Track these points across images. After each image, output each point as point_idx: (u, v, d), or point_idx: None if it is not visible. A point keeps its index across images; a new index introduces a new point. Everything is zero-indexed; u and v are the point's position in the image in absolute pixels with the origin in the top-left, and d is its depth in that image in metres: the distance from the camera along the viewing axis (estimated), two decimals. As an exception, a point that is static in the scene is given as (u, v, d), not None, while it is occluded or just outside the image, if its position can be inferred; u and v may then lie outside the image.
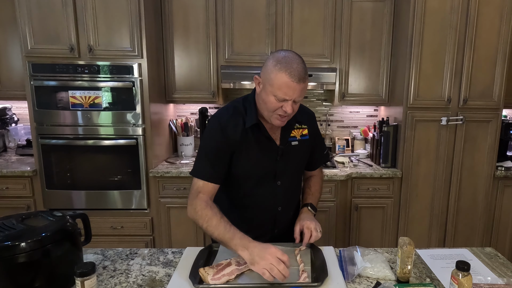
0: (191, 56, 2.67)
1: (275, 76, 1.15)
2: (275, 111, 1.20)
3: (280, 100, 1.17)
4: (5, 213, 1.31)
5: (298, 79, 1.15)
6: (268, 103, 1.19)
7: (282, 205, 1.39)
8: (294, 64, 1.16)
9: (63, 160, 2.44)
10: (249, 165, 1.31)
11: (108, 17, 2.31)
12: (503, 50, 2.41)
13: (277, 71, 1.15)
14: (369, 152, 2.93)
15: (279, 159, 1.33)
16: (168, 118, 2.88)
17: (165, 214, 2.54)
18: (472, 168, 2.55)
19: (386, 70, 2.72)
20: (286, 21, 2.63)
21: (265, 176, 1.34)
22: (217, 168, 1.28)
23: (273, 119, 1.23)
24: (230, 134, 1.27)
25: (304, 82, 1.18)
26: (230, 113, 1.31)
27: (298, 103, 1.23)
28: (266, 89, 1.19)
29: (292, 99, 1.17)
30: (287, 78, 1.14)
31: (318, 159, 1.53)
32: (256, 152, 1.30)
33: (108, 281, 1.13)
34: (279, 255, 1.06)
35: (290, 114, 1.22)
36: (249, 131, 1.29)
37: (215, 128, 1.29)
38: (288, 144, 1.35)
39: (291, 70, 1.14)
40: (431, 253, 1.33)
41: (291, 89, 1.15)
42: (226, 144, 1.27)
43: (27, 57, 2.34)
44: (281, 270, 1.04)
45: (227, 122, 1.28)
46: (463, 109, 2.49)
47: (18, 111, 3.00)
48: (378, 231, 2.64)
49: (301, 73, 1.16)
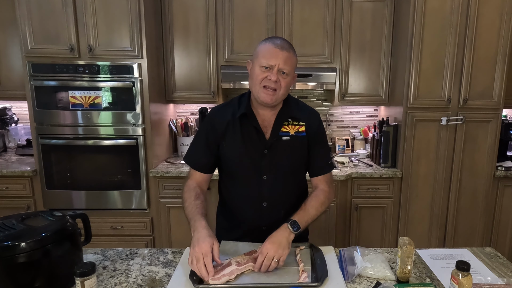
0: (191, 56, 2.67)
1: (260, 48, 1.27)
2: (261, 83, 1.24)
3: (266, 69, 1.23)
4: (5, 213, 1.31)
5: (281, 47, 1.24)
6: (254, 76, 1.26)
7: (267, 201, 1.34)
8: (278, 39, 1.27)
9: (63, 160, 2.44)
10: (234, 155, 1.33)
11: (108, 17, 2.31)
12: (503, 50, 2.41)
13: (262, 44, 1.27)
14: (369, 152, 2.93)
15: (267, 153, 1.31)
16: (168, 118, 2.88)
17: (165, 214, 2.54)
18: (472, 168, 2.55)
19: (386, 70, 2.72)
20: (286, 21, 2.63)
21: (250, 169, 1.32)
22: (204, 158, 1.37)
23: (260, 92, 1.26)
24: (217, 124, 1.34)
25: (288, 52, 1.25)
26: (223, 105, 1.41)
27: (286, 78, 1.25)
28: (253, 65, 1.28)
29: (276, 66, 1.22)
30: (270, 45, 1.24)
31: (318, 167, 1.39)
32: (242, 143, 1.31)
33: (108, 281, 1.13)
34: (204, 253, 1.07)
35: (277, 87, 1.24)
36: (238, 122, 1.32)
37: (206, 118, 1.39)
38: (278, 138, 1.32)
39: (275, 41, 1.25)
40: (431, 253, 1.33)
41: (274, 55, 1.22)
42: (212, 133, 1.34)
43: (27, 57, 2.34)
44: (199, 268, 1.06)
45: (217, 112, 1.37)
46: (463, 109, 2.49)
47: (18, 111, 3.00)
48: (378, 231, 2.64)
49: (284, 44, 1.25)
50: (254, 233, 1.36)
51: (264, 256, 1.12)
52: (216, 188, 1.51)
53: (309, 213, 1.27)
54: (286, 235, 1.17)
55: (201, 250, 1.08)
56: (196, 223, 1.18)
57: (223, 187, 1.44)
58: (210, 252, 1.08)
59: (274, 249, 1.12)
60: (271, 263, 1.11)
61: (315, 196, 1.34)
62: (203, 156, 1.37)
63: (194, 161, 1.39)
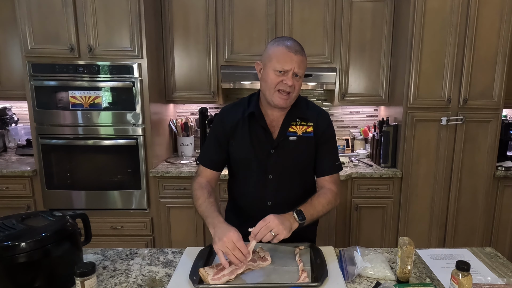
0: (191, 56, 2.67)
1: (273, 51, 1.25)
2: (276, 87, 1.25)
3: (280, 73, 1.23)
4: (5, 213, 1.31)
5: (295, 50, 1.23)
6: (268, 80, 1.25)
7: (272, 201, 1.36)
8: (289, 41, 1.26)
9: (63, 160, 2.44)
10: (241, 153, 1.35)
11: (108, 17, 2.31)
12: (503, 50, 2.41)
13: (274, 46, 1.26)
14: (369, 152, 2.93)
15: (273, 152, 1.33)
16: (168, 118, 2.88)
17: (165, 214, 2.54)
18: (472, 168, 2.55)
19: (386, 70, 2.72)
20: (286, 21, 2.63)
21: (256, 167, 1.34)
22: (215, 156, 1.39)
23: (275, 98, 1.26)
24: (227, 123, 1.36)
25: (302, 55, 1.25)
26: (233, 104, 1.43)
27: (299, 80, 1.26)
28: (266, 68, 1.27)
29: (291, 70, 1.22)
30: (285, 49, 1.23)
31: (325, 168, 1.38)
32: (250, 141, 1.33)
33: (108, 281, 1.13)
34: (235, 240, 1.08)
35: (292, 91, 1.25)
36: (247, 121, 1.34)
37: (217, 118, 1.42)
38: (285, 138, 1.33)
39: (287, 44, 1.24)
40: (431, 253, 1.33)
41: (289, 59, 1.22)
42: (222, 132, 1.37)
43: (27, 57, 2.34)
44: (236, 255, 1.07)
45: (227, 111, 1.40)
46: (463, 109, 2.49)
47: (18, 111, 3.00)
48: (378, 231, 2.64)
49: (297, 47, 1.25)
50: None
51: (265, 223, 1.12)
52: (219, 187, 1.52)
53: (315, 208, 1.26)
54: (291, 220, 1.18)
55: (231, 239, 1.09)
56: (215, 220, 1.19)
57: (231, 185, 1.48)
58: (241, 238, 1.10)
59: (276, 223, 1.12)
60: (268, 234, 1.11)
61: (323, 194, 1.33)
62: (214, 154, 1.40)
63: (205, 159, 1.42)
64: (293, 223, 1.18)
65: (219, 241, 1.10)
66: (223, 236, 1.10)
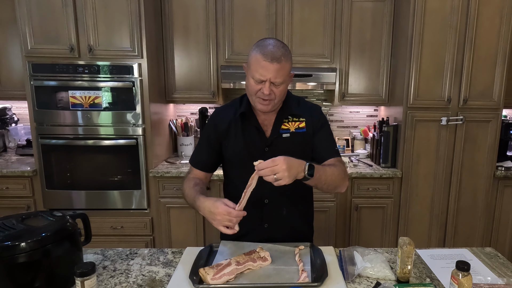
0: (191, 56, 2.67)
1: (251, 58, 1.23)
2: (256, 94, 1.25)
3: (258, 82, 1.22)
4: (5, 213, 1.31)
5: (271, 58, 1.18)
6: (249, 86, 1.26)
7: (269, 198, 1.36)
8: (269, 46, 1.21)
9: (63, 160, 2.44)
10: (236, 153, 1.36)
11: (108, 17, 2.31)
12: (503, 50, 2.41)
13: (254, 53, 1.22)
14: (369, 152, 2.93)
15: (267, 150, 1.33)
16: (168, 118, 2.88)
17: (165, 214, 2.54)
18: (472, 168, 2.55)
19: (386, 70, 2.72)
20: (286, 21, 2.63)
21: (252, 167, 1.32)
22: (205, 157, 1.42)
23: (256, 103, 1.27)
24: (219, 123, 1.37)
25: (279, 63, 1.19)
26: (225, 105, 1.44)
27: (280, 87, 1.24)
28: (247, 73, 1.27)
29: (267, 80, 1.20)
30: (260, 57, 1.19)
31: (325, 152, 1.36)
32: (243, 141, 1.34)
33: (108, 281, 1.13)
34: (226, 212, 1.12)
35: (271, 98, 1.24)
36: (239, 121, 1.35)
37: (209, 118, 1.45)
38: (278, 136, 1.33)
39: (265, 51, 1.19)
40: (431, 253, 1.33)
41: (265, 68, 1.19)
42: (214, 132, 1.38)
43: (27, 57, 2.34)
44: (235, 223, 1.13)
45: (220, 112, 1.42)
46: (463, 109, 2.49)
47: (18, 111, 3.00)
48: (378, 231, 2.64)
49: (275, 54, 1.19)
50: (257, 230, 1.38)
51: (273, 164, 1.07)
52: (216, 188, 1.51)
53: (326, 172, 1.21)
54: (299, 169, 1.12)
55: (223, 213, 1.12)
56: (201, 203, 1.21)
57: (227, 186, 1.48)
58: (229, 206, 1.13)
59: (283, 168, 1.06)
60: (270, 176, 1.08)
61: (333, 165, 1.28)
62: (205, 154, 1.42)
63: (195, 160, 1.44)
64: (299, 172, 1.12)
65: (214, 221, 1.14)
66: (215, 214, 1.13)
